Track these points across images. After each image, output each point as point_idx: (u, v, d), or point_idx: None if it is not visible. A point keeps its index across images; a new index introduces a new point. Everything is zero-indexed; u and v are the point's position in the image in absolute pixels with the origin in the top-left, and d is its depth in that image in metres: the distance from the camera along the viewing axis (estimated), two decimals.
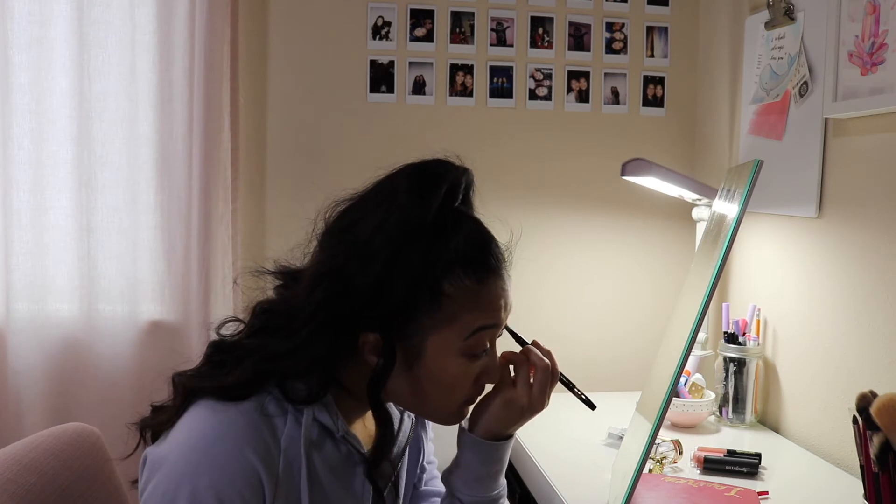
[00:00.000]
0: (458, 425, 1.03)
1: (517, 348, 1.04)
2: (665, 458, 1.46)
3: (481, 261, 0.91)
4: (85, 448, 1.10)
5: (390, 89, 2.05)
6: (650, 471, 1.42)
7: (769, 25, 1.74)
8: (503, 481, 1.04)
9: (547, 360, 1.00)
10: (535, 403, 0.99)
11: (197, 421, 0.86)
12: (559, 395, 1.09)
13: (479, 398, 1.01)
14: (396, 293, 0.87)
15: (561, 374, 1.04)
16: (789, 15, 1.68)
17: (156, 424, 0.91)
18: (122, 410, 1.78)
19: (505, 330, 0.99)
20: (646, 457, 1.12)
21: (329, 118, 2.04)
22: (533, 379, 0.99)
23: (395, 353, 0.89)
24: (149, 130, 1.90)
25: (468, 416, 1.02)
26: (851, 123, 1.51)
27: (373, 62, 2.04)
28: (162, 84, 1.89)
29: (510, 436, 1.02)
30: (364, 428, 0.99)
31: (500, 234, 0.96)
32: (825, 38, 1.53)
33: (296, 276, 0.95)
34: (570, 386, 1.09)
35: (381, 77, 2.04)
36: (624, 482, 1.18)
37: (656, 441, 1.37)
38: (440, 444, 1.20)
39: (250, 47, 1.99)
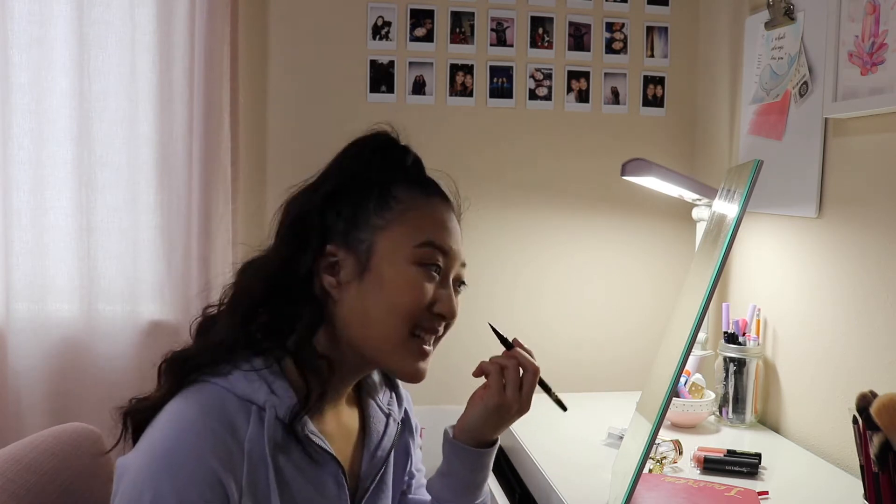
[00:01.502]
0: (443, 433, 1.04)
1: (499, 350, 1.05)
2: (665, 458, 1.46)
3: (428, 183, 0.97)
4: (85, 448, 1.10)
5: (390, 89, 2.05)
6: (650, 471, 1.42)
7: (769, 25, 1.74)
8: (487, 489, 1.05)
9: (535, 363, 1.02)
10: (524, 405, 1.01)
11: (163, 424, 0.85)
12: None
13: (471, 398, 1.02)
14: (349, 194, 0.92)
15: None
16: (789, 15, 1.68)
17: (144, 409, 0.90)
18: None
19: (490, 328, 1.03)
20: (646, 457, 1.12)
21: (329, 118, 2.03)
22: (522, 381, 1.01)
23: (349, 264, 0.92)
24: (149, 130, 1.90)
25: (458, 426, 1.03)
26: (851, 123, 1.51)
27: (373, 62, 2.04)
28: (162, 84, 1.89)
29: (495, 441, 1.04)
30: (338, 425, 0.98)
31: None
32: (825, 38, 1.53)
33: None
34: (546, 388, 1.08)
35: (381, 77, 2.04)
36: (624, 482, 1.18)
37: (656, 441, 1.37)
38: (427, 452, 1.20)
39: (250, 47, 1.99)
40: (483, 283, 2.07)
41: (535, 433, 1.61)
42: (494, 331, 1.05)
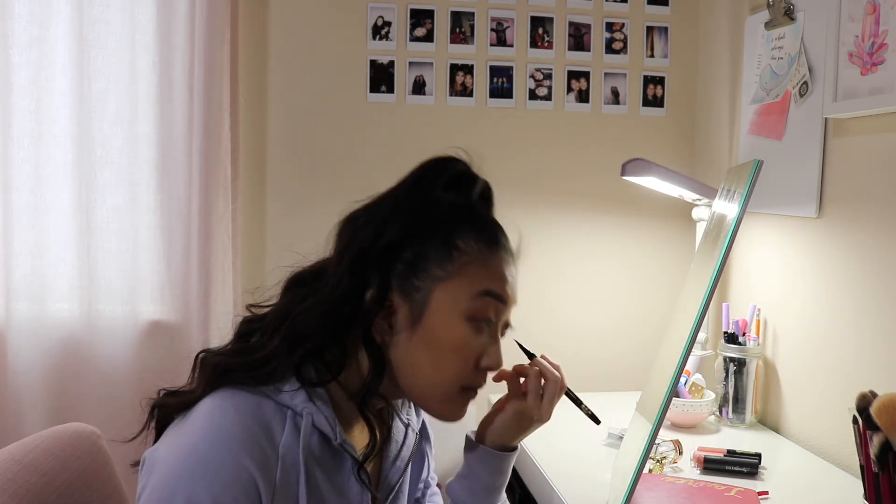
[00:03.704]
0: (465, 438, 1.05)
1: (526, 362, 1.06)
2: (665, 458, 1.46)
3: (493, 233, 0.95)
4: (84, 448, 1.10)
5: (390, 89, 2.04)
6: (650, 471, 1.42)
7: (769, 25, 1.74)
8: (504, 496, 1.06)
9: (557, 373, 1.03)
10: (543, 414, 1.03)
11: (198, 421, 0.85)
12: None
13: (486, 412, 1.03)
14: (414, 239, 0.90)
15: (568, 388, 1.07)
16: (789, 15, 1.68)
17: (174, 404, 0.90)
18: (122, 410, 1.79)
19: (516, 344, 1.02)
20: (646, 457, 1.12)
21: (329, 118, 2.03)
22: (543, 390, 1.02)
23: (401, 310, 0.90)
24: (149, 130, 1.90)
25: (475, 428, 1.05)
26: (851, 123, 1.51)
27: (373, 62, 2.04)
28: (162, 84, 1.89)
29: (516, 447, 1.05)
30: (362, 435, 0.97)
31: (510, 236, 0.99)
32: (825, 38, 1.53)
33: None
34: (577, 401, 1.11)
35: (381, 77, 2.04)
36: (624, 482, 1.18)
37: (656, 441, 1.37)
38: (440, 458, 1.20)
39: (250, 47, 1.99)
40: None
41: (535, 433, 1.61)
42: (521, 346, 1.05)
